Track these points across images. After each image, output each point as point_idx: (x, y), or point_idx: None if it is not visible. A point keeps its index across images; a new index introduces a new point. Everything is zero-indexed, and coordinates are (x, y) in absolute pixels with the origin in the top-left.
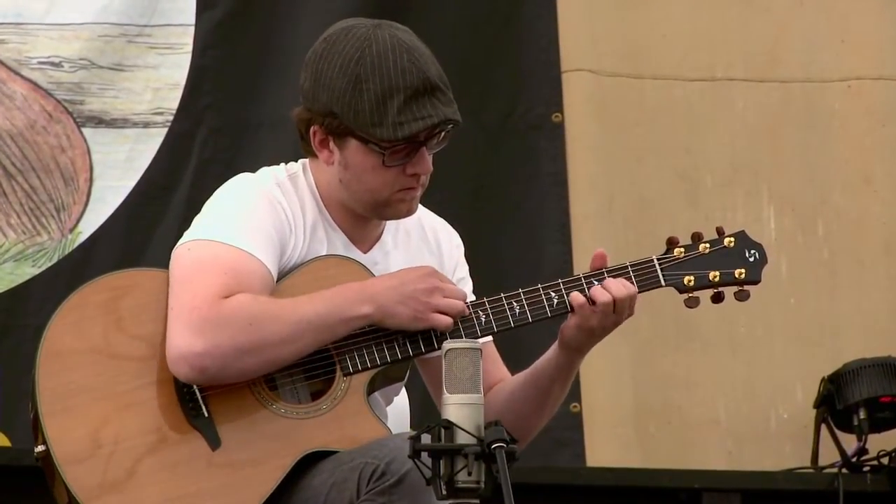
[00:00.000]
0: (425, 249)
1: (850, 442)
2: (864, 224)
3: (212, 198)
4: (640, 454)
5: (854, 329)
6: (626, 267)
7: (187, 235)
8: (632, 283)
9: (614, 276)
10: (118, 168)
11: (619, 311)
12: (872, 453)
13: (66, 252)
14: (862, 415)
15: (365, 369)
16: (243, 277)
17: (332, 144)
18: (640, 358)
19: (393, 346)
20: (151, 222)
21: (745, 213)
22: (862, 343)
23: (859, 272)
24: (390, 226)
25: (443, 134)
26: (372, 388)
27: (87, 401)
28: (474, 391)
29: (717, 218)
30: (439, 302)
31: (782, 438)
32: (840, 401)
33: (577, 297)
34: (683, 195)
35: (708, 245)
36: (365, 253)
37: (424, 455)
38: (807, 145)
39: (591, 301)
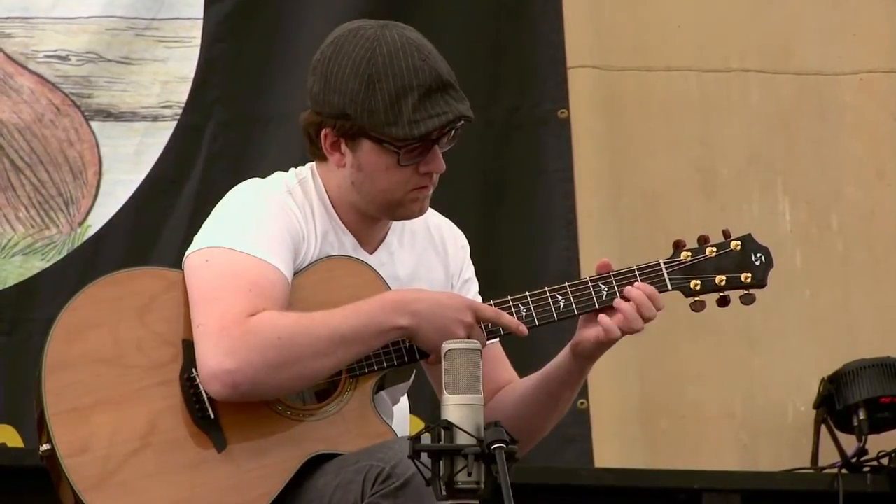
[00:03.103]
0: (431, 250)
1: (849, 442)
2: (878, 217)
3: (223, 202)
4: (651, 450)
5: (869, 323)
6: (633, 270)
7: (202, 241)
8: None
9: (624, 280)
10: (127, 161)
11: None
12: (872, 454)
13: (76, 245)
14: (862, 415)
15: (371, 372)
16: (266, 290)
17: (343, 147)
18: (654, 352)
19: (400, 350)
20: (161, 216)
21: (761, 205)
22: (877, 337)
23: (873, 266)
24: (396, 227)
25: (454, 132)
26: (378, 390)
27: (92, 401)
28: (474, 391)
29: (733, 210)
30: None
31: (798, 431)
32: (840, 401)
33: (610, 325)
34: (699, 187)
35: (714, 248)
36: (371, 254)
37: (424, 456)
38: (821, 138)
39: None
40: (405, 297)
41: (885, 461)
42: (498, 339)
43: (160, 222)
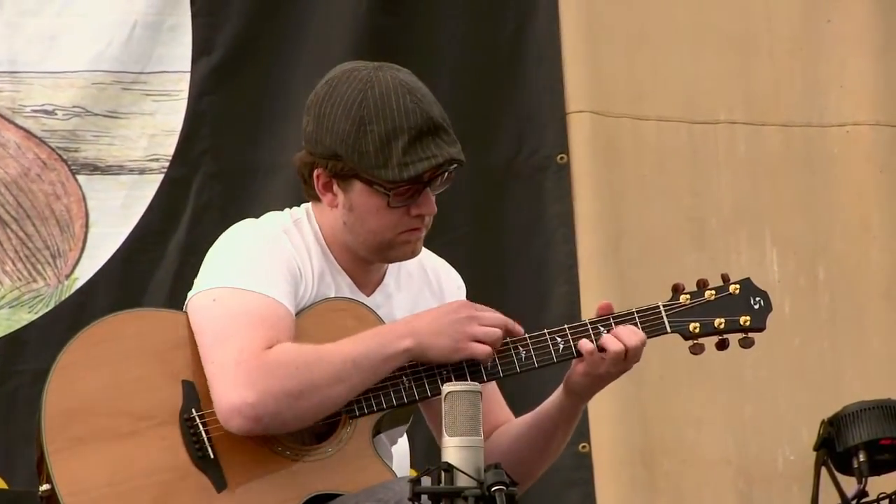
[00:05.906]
0: (427, 291)
1: (849, 484)
2: (863, 270)
3: (221, 243)
4: (653, 493)
5: (855, 372)
6: (633, 313)
7: (205, 282)
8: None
9: (621, 323)
10: (114, 215)
11: (628, 358)
12: (872, 496)
13: (63, 298)
14: (862, 457)
15: (371, 412)
16: (276, 324)
17: (335, 187)
18: (655, 395)
19: (399, 390)
20: (148, 268)
21: (749, 255)
22: (862, 384)
23: (859, 317)
24: (392, 268)
25: (446, 174)
26: (377, 431)
27: (93, 440)
28: (474, 433)
29: (722, 260)
30: (476, 330)
31: (789, 479)
32: (840, 443)
33: (585, 344)
34: (689, 237)
35: (713, 292)
36: (368, 296)
37: (424, 498)
38: (808, 189)
39: (602, 349)
40: (404, 320)
41: (885, 503)
42: (495, 381)
43: (147, 275)
